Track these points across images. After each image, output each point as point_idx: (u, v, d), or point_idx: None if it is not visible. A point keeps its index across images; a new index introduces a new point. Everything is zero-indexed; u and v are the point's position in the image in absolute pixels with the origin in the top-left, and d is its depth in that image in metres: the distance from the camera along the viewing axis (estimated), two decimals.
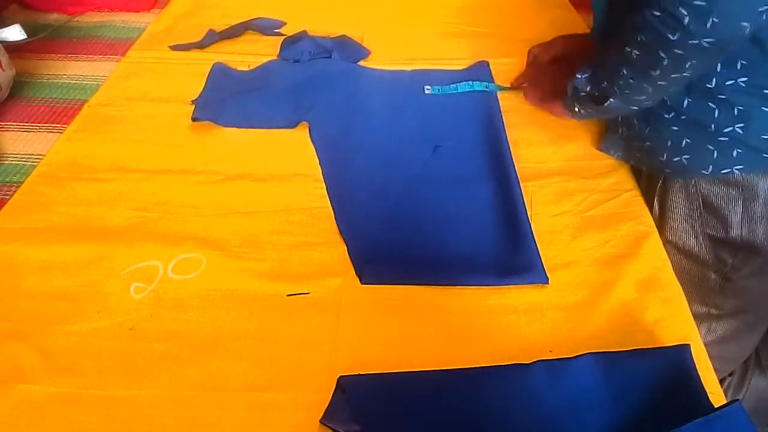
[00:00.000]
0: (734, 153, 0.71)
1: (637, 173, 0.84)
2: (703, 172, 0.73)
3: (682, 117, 0.72)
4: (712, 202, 0.76)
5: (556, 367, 0.60)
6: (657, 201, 0.80)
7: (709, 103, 0.70)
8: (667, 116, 0.74)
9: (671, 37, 0.61)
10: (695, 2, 0.57)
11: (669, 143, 0.75)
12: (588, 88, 0.77)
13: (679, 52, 0.62)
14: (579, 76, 0.78)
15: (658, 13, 0.61)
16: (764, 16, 0.58)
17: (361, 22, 1.15)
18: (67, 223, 0.76)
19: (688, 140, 0.73)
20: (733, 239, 0.77)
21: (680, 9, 0.58)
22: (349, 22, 1.14)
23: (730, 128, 0.70)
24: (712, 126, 0.70)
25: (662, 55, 0.63)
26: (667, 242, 0.79)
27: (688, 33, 0.59)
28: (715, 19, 0.58)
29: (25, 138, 0.91)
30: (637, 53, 0.66)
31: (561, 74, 0.85)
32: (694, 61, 0.63)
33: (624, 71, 0.69)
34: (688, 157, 0.74)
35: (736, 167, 0.71)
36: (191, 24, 1.15)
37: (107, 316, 0.65)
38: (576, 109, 0.81)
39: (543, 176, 0.82)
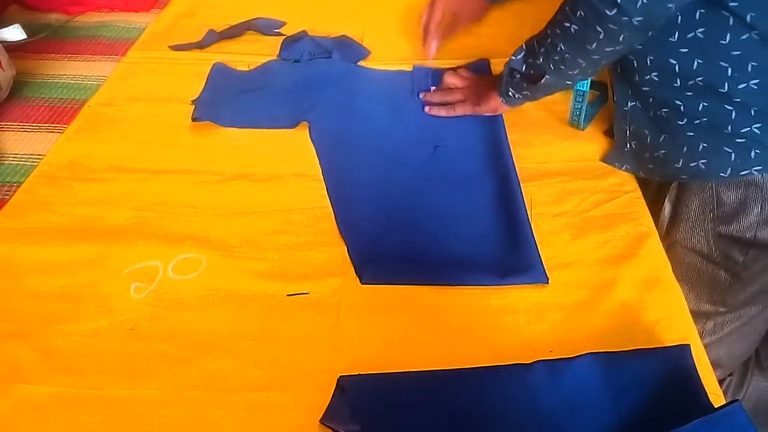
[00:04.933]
0: (752, 154, 0.70)
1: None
2: (722, 175, 0.73)
3: (697, 122, 0.72)
4: (729, 203, 0.75)
5: (556, 367, 0.60)
6: (669, 202, 0.80)
7: (725, 106, 0.70)
8: (680, 123, 0.74)
9: (608, 13, 0.66)
10: None
11: (685, 149, 0.74)
12: (523, 68, 0.79)
13: (613, 27, 0.67)
14: (515, 57, 0.80)
15: None
16: None
17: (361, 22, 1.15)
18: (67, 223, 0.76)
19: (705, 144, 0.73)
20: (747, 238, 0.76)
21: None
22: (349, 22, 1.14)
23: (747, 129, 0.70)
24: (729, 127, 0.70)
25: (599, 29, 0.68)
26: (677, 242, 0.79)
27: (622, 10, 0.64)
28: (644, 0, 0.62)
29: (25, 138, 0.91)
30: (576, 27, 0.70)
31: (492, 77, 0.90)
32: (626, 36, 0.68)
33: (561, 46, 0.73)
34: (705, 161, 0.73)
35: (755, 168, 0.71)
36: (191, 24, 1.15)
37: (107, 316, 0.66)
38: (510, 94, 0.83)
39: (543, 176, 0.82)
